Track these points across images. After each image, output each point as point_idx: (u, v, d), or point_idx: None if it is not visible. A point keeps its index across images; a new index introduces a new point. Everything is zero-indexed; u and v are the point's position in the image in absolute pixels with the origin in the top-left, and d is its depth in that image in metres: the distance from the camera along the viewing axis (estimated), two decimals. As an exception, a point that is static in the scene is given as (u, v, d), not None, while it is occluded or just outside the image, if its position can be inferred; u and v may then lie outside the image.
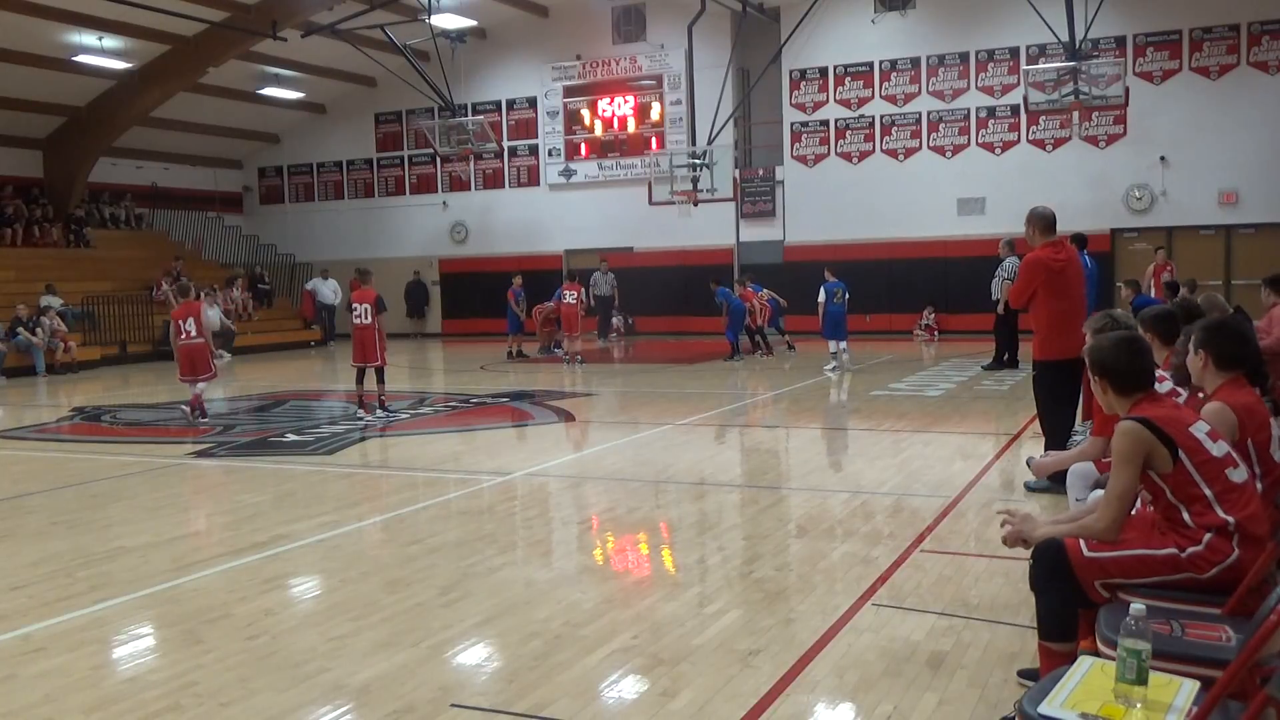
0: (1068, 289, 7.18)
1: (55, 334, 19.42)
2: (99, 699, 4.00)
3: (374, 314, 11.87)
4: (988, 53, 22.06)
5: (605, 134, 25.21)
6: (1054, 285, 7.12)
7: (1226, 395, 3.84)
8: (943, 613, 4.74)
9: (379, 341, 11.89)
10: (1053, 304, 7.12)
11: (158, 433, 11.79)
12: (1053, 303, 7.12)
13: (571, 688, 3.99)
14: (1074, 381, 7.05)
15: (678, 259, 23.98)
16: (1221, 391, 3.88)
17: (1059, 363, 7.08)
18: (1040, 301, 7.15)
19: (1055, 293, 7.11)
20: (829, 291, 15.86)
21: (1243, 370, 3.97)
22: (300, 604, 5.37)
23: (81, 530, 6.86)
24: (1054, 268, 7.13)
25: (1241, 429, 3.70)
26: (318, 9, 21.41)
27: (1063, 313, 7.09)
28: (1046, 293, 7.12)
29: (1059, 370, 7.10)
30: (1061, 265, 7.17)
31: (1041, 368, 7.26)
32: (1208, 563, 3.30)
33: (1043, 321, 7.17)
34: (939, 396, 12.64)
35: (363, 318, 11.92)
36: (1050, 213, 7.38)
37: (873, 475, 8.23)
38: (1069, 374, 7.02)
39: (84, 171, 25.11)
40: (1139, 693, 2.46)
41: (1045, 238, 7.26)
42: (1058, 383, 7.17)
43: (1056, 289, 7.12)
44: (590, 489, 8.04)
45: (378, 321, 11.89)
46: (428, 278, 27.27)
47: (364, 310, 11.90)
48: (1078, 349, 6.77)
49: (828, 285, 15.97)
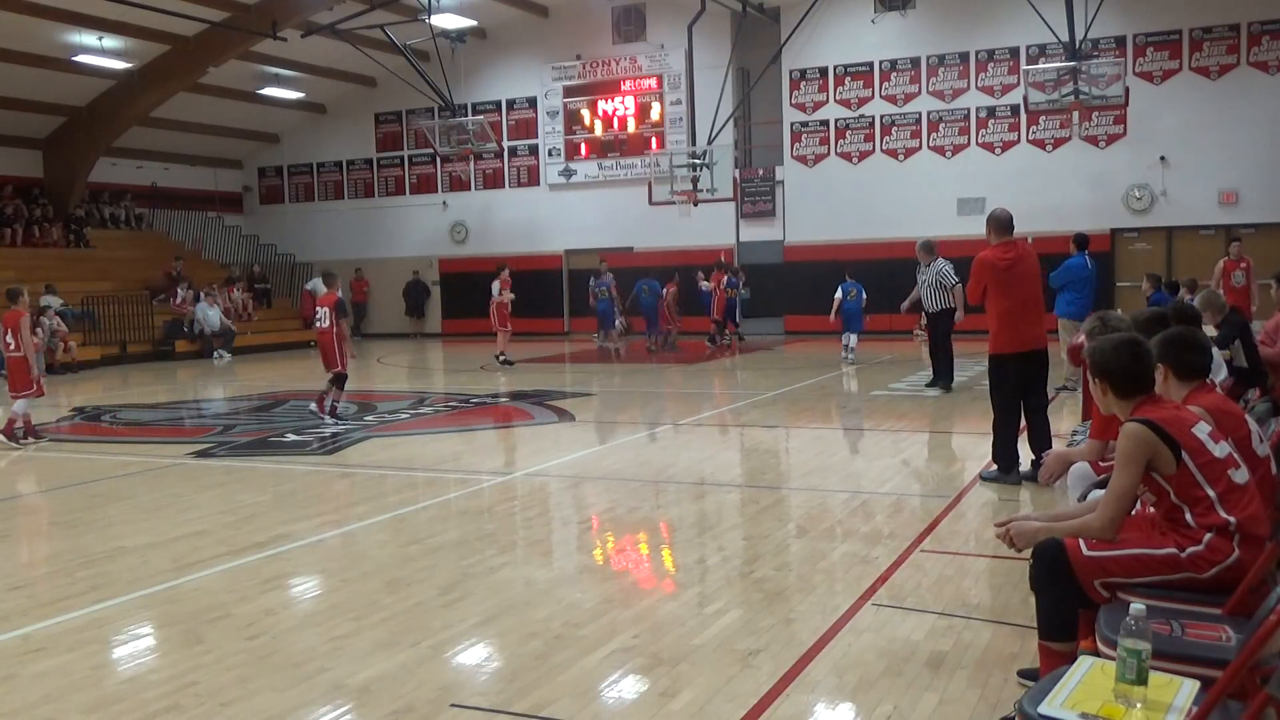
0: (1015, 286, 7.47)
1: (55, 334, 19.42)
2: (99, 699, 4.00)
3: (333, 318, 11.48)
4: (988, 53, 22.06)
5: (605, 134, 25.22)
6: (1001, 283, 7.45)
7: (1194, 402, 3.85)
8: (943, 613, 4.73)
9: (338, 346, 11.47)
10: (1001, 301, 7.46)
11: (158, 433, 11.79)
12: (1001, 300, 7.46)
13: (571, 688, 3.99)
14: (1021, 374, 7.49)
15: (678, 259, 23.97)
16: (1189, 400, 3.89)
17: (1007, 356, 7.51)
18: (990, 299, 7.52)
19: (1003, 290, 7.45)
20: (845, 290, 16.74)
21: (1204, 377, 4.05)
22: (300, 604, 5.37)
23: (81, 530, 6.86)
24: (1000, 266, 7.46)
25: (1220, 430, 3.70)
26: (318, 9, 21.42)
27: (1010, 309, 7.45)
28: (995, 290, 7.47)
29: (1007, 363, 7.52)
30: (1009, 263, 7.48)
31: (993, 361, 7.64)
32: (1208, 563, 3.30)
33: (992, 318, 7.53)
34: (939, 396, 12.64)
35: (322, 321, 11.58)
36: (1006, 214, 7.70)
37: (873, 475, 8.23)
38: (1017, 367, 7.46)
39: (84, 171, 25.12)
40: (1139, 693, 2.46)
41: (1000, 238, 7.59)
42: (1005, 375, 7.57)
43: (1004, 286, 7.45)
44: (590, 489, 8.03)
45: (338, 326, 11.49)
46: (427, 278, 27.29)
47: (324, 314, 11.57)
48: (1027, 343, 7.41)
49: (844, 285, 16.84)
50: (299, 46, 22.38)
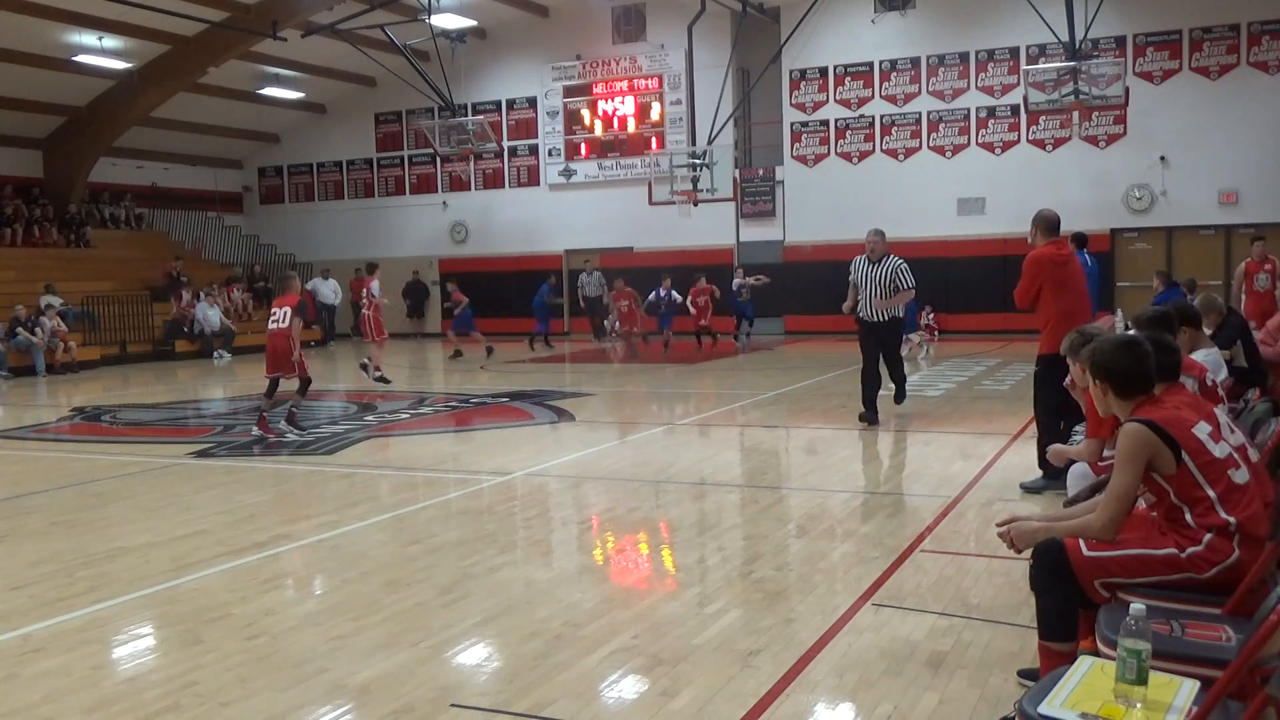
0: (1070, 284, 7.38)
1: (55, 334, 19.43)
2: (99, 699, 4.00)
3: (290, 318, 10.59)
4: (988, 53, 22.06)
5: (605, 134, 25.22)
6: (1058, 281, 7.32)
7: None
8: (943, 613, 4.73)
9: (294, 349, 10.61)
10: (1059, 300, 7.30)
11: (158, 433, 11.79)
12: (1059, 299, 7.30)
13: (571, 688, 3.99)
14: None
15: (678, 259, 23.96)
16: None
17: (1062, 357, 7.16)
18: (1046, 298, 7.35)
19: (1060, 289, 7.32)
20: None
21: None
22: (300, 604, 5.37)
23: (81, 530, 6.86)
24: (1058, 262, 7.34)
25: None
26: (318, 9, 21.41)
27: (1069, 308, 7.27)
28: (1052, 289, 7.31)
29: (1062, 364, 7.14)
30: (1064, 260, 7.39)
31: (1047, 362, 7.34)
32: (1208, 563, 3.30)
33: (1050, 317, 7.34)
34: (939, 396, 12.64)
35: (280, 321, 10.64)
36: (1054, 215, 7.59)
37: (873, 475, 8.23)
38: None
39: (84, 171, 25.12)
40: (1139, 693, 2.46)
41: (1047, 238, 7.47)
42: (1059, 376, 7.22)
43: (1060, 285, 7.32)
44: (590, 489, 8.03)
45: (293, 328, 10.59)
46: (427, 277, 27.28)
47: (282, 314, 10.67)
48: None
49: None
50: (299, 46, 22.37)
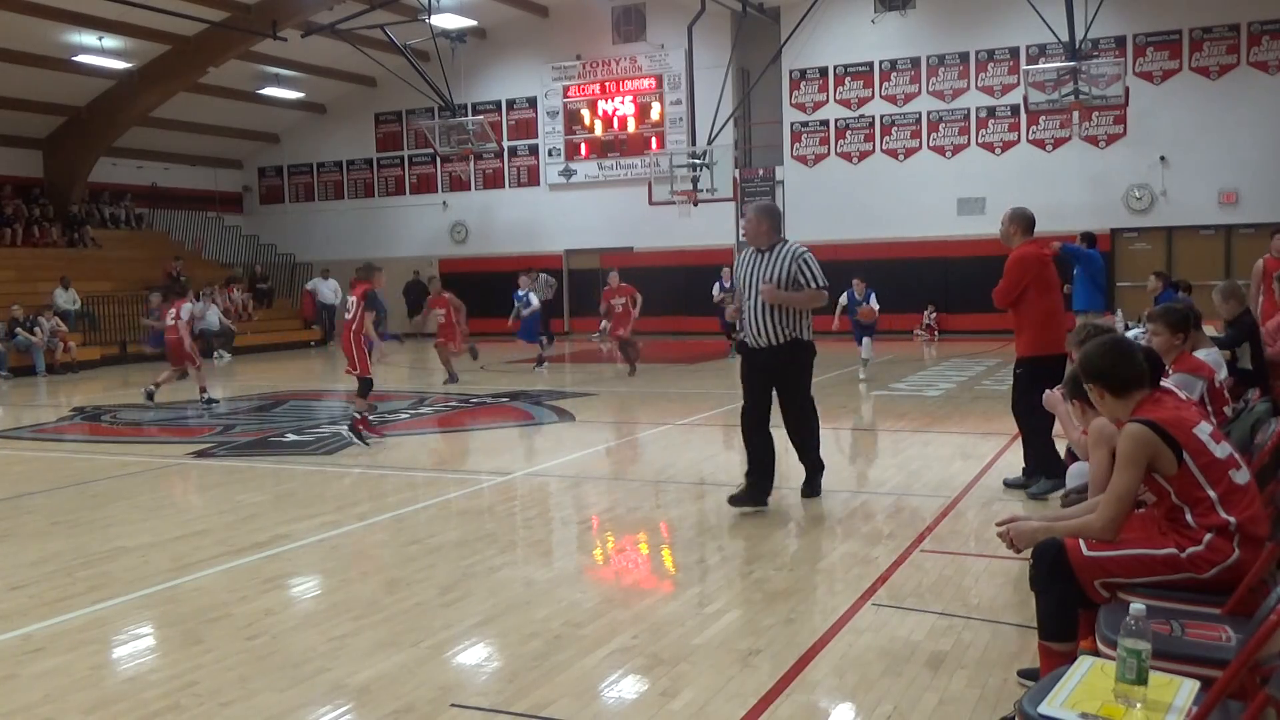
0: (1053, 283, 7.25)
1: (55, 334, 19.43)
2: (99, 699, 4.00)
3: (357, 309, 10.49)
4: (988, 53, 22.06)
5: (605, 134, 25.22)
6: (1043, 280, 7.16)
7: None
8: (943, 613, 4.73)
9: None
10: (1044, 299, 7.14)
11: (158, 433, 11.79)
12: (1044, 298, 7.14)
13: (571, 688, 3.99)
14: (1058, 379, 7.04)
15: (678, 259, 23.98)
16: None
17: (1049, 358, 7.08)
18: (1032, 298, 7.15)
19: (1045, 288, 7.16)
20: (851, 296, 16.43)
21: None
22: (300, 604, 5.37)
23: (81, 530, 6.85)
24: (1044, 261, 7.20)
25: None
26: (318, 9, 21.42)
27: (1053, 308, 7.19)
28: (1038, 289, 7.14)
29: (1050, 364, 7.06)
30: (1048, 259, 7.25)
31: (1034, 365, 7.15)
32: (1208, 563, 3.30)
33: (1036, 317, 7.14)
34: (939, 396, 12.65)
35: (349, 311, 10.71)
36: (1032, 213, 7.40)
37: (873, 475, 8.23)
38: (1057, 370, 6.98)
39: (84, 171, 25.12)
40: (1139, 693, 2.46)
41: (1024, 237, 7.28)
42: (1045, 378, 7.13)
43: (1046, 284, 7.17)
44: (590, 489, 8.03)
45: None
46: (426, 277, 27.24)
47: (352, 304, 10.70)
48: (1064, 344, 6.86)
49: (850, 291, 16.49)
50: (299, 46, 22.37)
